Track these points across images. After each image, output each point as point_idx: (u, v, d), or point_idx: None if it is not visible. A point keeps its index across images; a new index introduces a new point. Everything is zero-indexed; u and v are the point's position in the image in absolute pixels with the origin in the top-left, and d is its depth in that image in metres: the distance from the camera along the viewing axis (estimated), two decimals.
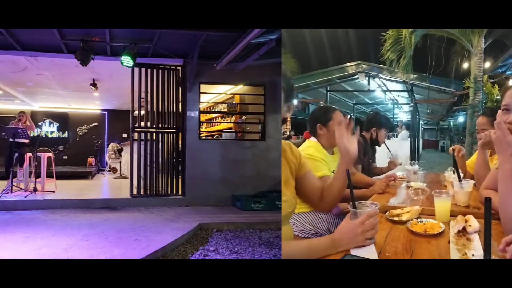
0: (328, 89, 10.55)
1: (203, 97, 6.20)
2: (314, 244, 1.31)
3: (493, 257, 0.98)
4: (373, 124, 3.41)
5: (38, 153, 6.21)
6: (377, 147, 3.62)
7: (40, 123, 10.64)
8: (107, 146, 10.55)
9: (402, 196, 2.26)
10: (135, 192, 5.70)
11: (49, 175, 6.39)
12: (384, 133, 3.40)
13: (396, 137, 10.36)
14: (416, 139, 10.99)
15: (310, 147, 2.40)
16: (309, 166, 1.71)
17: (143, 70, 5.70)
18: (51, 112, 11.29)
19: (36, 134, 8.05)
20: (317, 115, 2.52)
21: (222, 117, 7.91)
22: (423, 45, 8.05)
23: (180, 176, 5.92)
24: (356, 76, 9.83)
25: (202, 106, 6.52)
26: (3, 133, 6.40)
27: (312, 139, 2.48)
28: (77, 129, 11.62)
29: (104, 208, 5.26)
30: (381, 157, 3.74)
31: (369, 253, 1.23)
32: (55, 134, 11.43)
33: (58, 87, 8.00)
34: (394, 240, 1.37)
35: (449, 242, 1.32)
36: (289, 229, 1.64)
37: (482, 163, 2.10)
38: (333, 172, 2.42)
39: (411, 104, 10.87)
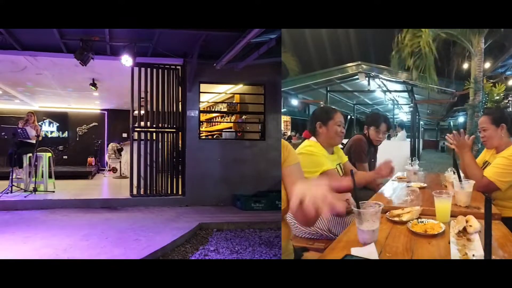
0: (328, 89, 10.52)
1: (203, 97, 6.19)
2: None
3: (493, 257, 0.98)
4: (365, 123, 3.50)
5: (38, 153, 6.20)
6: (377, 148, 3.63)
7: (40, 123, 10.62)
8: (107, 146, 10.54)
9: (402, 196, 2.26)
10: (135, 192, 5.70)
11: (49, 175, 6.38)
12: (374, 131, 3.41)
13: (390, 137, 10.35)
14: (416, 139, 10.98)
15: (310, 146, 2.41)
16: (297, 159, 1.44)
17: (143, 69, 5.69)
18: (51, 112, 11.29)
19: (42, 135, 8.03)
20: (318, 113, 2.56)
21: (222, 117, 7.91)
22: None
23: (180, 176, 5.91)
24: (356, 77, 9.81)
25: (202, 106, 6.51)
26: (3, 133, 6.38)
27: (312, 138, 2.50)
28: (77, 129, 11.61)
29: (104, 208, 5.26)
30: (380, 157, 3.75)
31: (369, 253, 1.23)
32: (55, 134, 11.43)
33: (58, 87, 7.99)
34: (394, 240, 1.37)
35: (449, 243, 1.32)
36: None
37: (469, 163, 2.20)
38: (338, 166, 2.43)
39: (411, 104, 10.86)
